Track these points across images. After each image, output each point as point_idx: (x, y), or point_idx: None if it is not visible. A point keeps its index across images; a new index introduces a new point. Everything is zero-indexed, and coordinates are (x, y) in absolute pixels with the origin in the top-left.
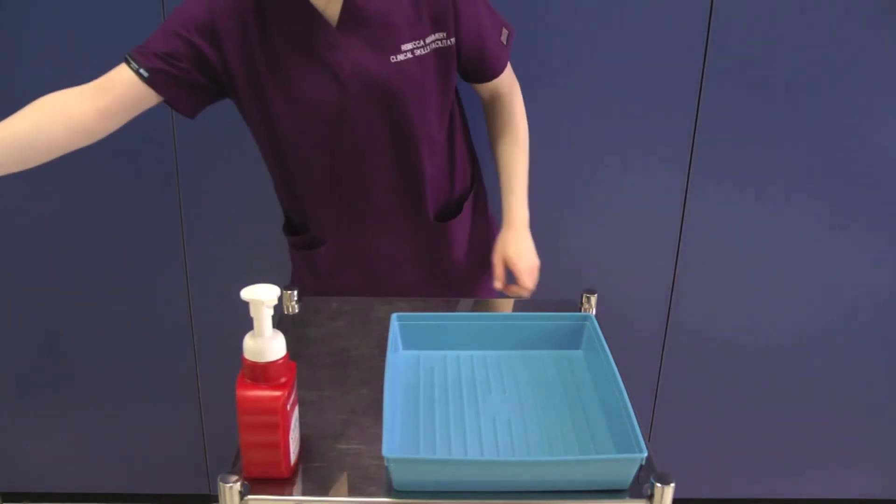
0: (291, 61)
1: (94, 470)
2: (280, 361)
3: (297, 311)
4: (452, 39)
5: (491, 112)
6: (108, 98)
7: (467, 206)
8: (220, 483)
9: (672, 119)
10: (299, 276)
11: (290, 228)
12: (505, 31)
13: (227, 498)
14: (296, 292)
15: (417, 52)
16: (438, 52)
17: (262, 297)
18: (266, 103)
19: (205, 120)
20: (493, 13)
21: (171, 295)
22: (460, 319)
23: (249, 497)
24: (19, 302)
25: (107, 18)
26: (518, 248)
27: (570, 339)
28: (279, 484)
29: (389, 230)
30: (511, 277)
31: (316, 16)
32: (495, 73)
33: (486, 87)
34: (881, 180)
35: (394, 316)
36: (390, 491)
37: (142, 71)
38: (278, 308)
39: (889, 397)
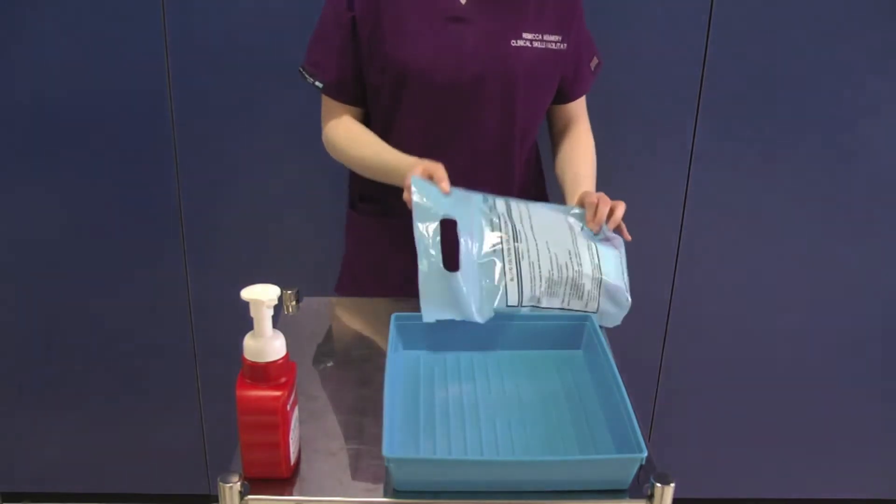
0: (417, 27)
1: (94, 470)
2: (280, 361)
3: (297, 311)
4: (566, 45)
5: (560, 138)
6: (354, 114)
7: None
8: (220, 483)
9: (672, 119)
10: (356, 256)
11: (365, 196)
12: (595, 60)
13: (227, 498)
14: (296, 292)
15: (536, 44)
16: (554, 54)
17: (262, 297)
18: (391, 62)
19: (205, 120)
20: (591, 37)
21: (171, 295)
22: (460, 320)
23: (249, 497)
24: (19, 302)
25: (107, 18)
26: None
27: (570, 339)
28: (279, 484)
29: None
30: None
31: None
32: (578, 94)
33: (562, 110)
34: (882, 180)
35: (394, 316)
36: (390, 491)
37: (342, 99)
38: (278, 308)
39: (889, 397)
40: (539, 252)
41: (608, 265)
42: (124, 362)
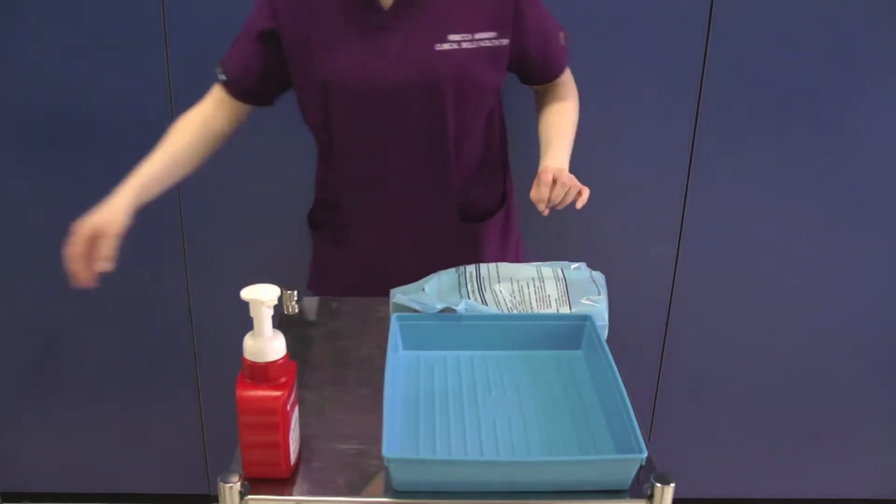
0: (341, 36)
1: (94, 470)
2: (280, 361)
3: (297, 311)
4: (506, 40)
5: (543, 93)
6: (225, 108)
7: (498, 218)
8: (220, 483)
9: (672, 119)
10: (319, 271)
11: (315, 221)
12: (562, 34)
13: (227, 498)
14: (296, 292)
15: (464, 45)
16: (488, 51)
17: (262, 297)
18: (314, 71)
19: None
20: (551, 17)
21: (171, 295)
22: (460, 320)
23: (249, 497)
24: (19, 302)
25: (107, 18)
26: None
27: (570, 339)
28: (279, 484)
29: (412, 224)
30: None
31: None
32: (557, 73)
33: (547, 89)
34: (882, 180)
35: (394, 316)
36: (390, 491)
37: (233, 93)
38: (278, 308)
39: (889, 397)
40: (501, 281)
41: (573, 275)
42: (124, 362)
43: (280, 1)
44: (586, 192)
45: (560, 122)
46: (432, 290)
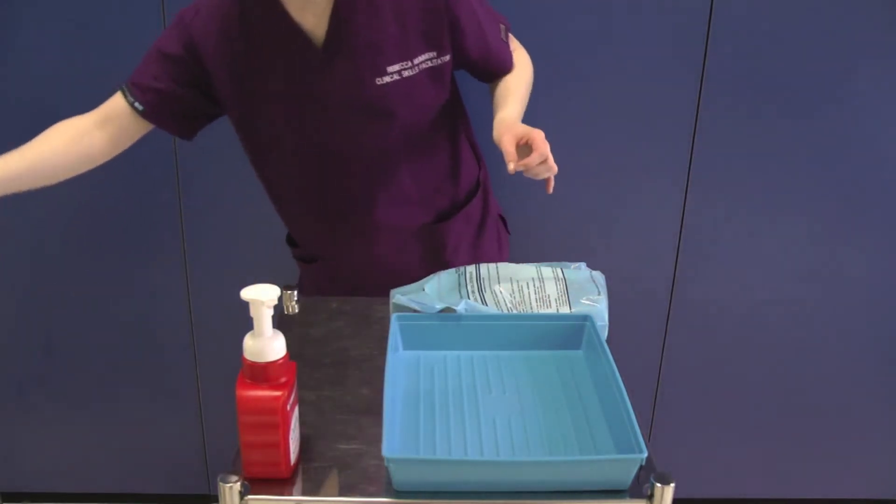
0: (275, 82)
1: (94, 470)
2: (280, 361)
3: (297, 311)
4: (447, 56)
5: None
6: (112, 128)
7: (475, 205)
8: (220, 483)
9: (672, 120)
10: (303, 282)
11: (292, 240)
12: (503, 28)
13: (227, 498)
14: (296, 292)
15: (405, 73)
16: (429, 72)
17: (262, 297)
18: (250, 121)
19: None
20: (487, 12)
21: (171, 295)
22: (460, 319)
23: (249, 497)
24: (19, 302)
25: (107, 18)
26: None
27: (570, 339)
28: (279, 484)
29: (384, 241)
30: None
31: (301, 37)
32: (504, 71)
33: (499, 82)
34: (882, 181)
35: (394, 316)
36: (390, 491)
37: (136, 105)
38: (278, 308)
39: (889, 397)
40: (501, 281)
41: (573, 275)
42: (124, 362)
43: (196, 28)
44: (552, 182)
45: (510, 82)
46: (432, 291)
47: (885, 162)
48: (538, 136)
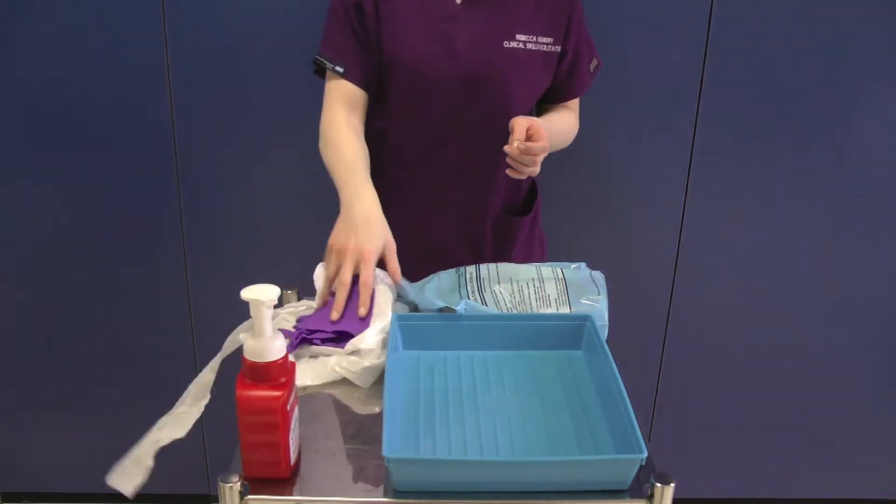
0: (412, 20)
1: (94, 470)
2: (280, 361)
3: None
4: (559, 48)
5: (546, 109)
6: (360, 107)
7: (534, 211)
8: (220, 483)
9: (672, 120)
10: None
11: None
12: (595, 61)
13: (227, 498)
14: (296, 292)
15: (529, 46)
16: (544, 56)
17: (262, 297)
18: (382, 48)
19: (205, 120)
20: (590, 39)
21: (171, 295)
22: (460, 319)
23: (249, 497)
24: (19, 302)
25: (107, 18)
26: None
27: (570, 339)
28: (279, 484)
29: (455, 213)
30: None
31: None
32: (575, 94)
33: (555, 107)
34: (883, 180)
35: (394, 316)
36: (390, 491)
37: (360, 83)
38: (278, 308)
39: (889, 398)
40: (501, 281)
41: (573, 275)
42: (124, 362)
43: None
44: (528, 173)
45: (558, 117)
46: (432, 291)
47: (885, 163)
48: (547, 134)
